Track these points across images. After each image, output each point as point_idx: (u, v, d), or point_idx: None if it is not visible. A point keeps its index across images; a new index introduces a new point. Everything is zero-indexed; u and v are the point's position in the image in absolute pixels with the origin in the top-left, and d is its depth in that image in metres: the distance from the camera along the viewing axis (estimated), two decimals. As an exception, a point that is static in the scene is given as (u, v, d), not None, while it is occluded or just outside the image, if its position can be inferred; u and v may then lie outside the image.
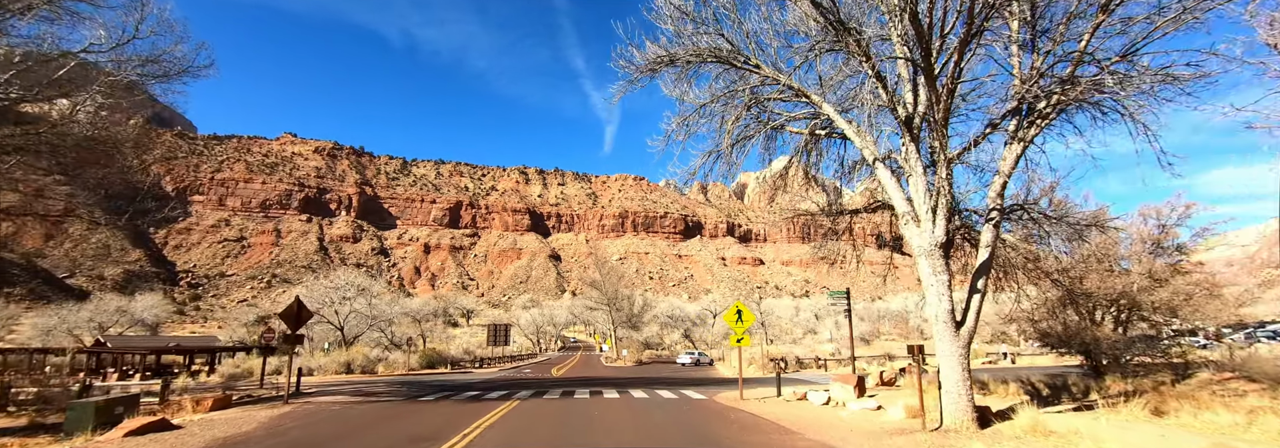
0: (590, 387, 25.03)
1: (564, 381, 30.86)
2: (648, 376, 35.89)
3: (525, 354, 76.37)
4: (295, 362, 22.52)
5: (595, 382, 29.15)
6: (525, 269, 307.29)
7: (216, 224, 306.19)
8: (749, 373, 37.30)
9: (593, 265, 61.87)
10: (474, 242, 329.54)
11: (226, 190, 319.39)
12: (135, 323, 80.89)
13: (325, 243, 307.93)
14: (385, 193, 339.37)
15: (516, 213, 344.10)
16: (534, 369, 46.65)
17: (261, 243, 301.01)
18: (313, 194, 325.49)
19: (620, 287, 63.77)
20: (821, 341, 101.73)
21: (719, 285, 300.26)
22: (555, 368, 47.94)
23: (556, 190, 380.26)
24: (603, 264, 62.04)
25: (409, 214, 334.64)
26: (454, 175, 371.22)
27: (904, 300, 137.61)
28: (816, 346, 57.29)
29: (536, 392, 22.41)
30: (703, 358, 54.50)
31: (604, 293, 60.57)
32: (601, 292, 60.66)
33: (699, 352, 56.10)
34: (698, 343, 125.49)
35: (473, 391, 23.39)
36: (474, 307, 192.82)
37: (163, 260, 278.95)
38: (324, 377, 36.06)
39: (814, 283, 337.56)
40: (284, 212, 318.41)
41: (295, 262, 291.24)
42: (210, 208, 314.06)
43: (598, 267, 61.49)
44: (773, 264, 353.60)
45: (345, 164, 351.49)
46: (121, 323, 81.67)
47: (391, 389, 24.92)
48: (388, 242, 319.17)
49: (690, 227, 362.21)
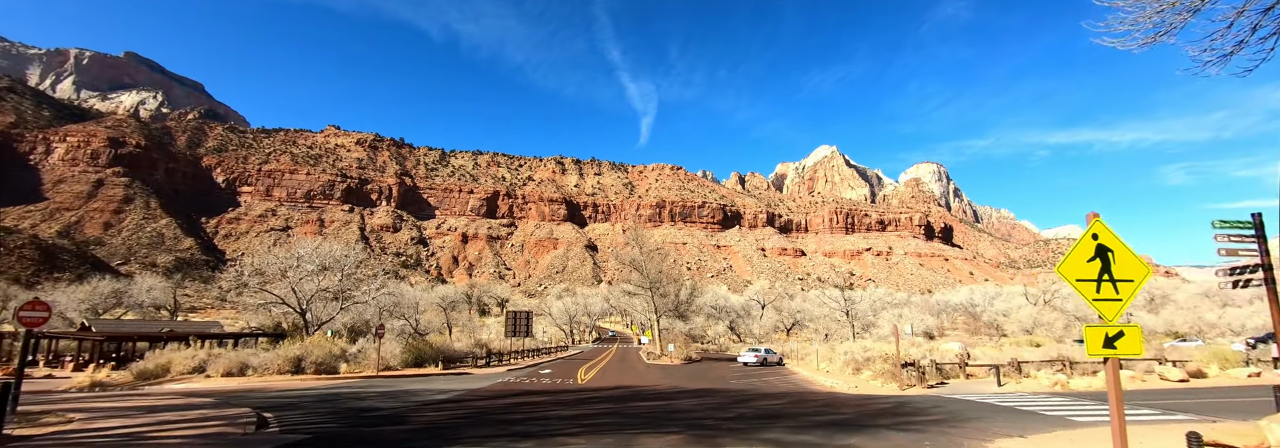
0: (635, 428, 12.76)
1: (589, 397, 18.88)
2: (720, 387, 23.59)
3: (554, 347, 65.22)
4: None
5: (640, 401, 17.16)
6: (561, 259, 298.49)
7: (263, 214, 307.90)
8: (864, 385, 24.56)
9: (630, 243, 49.25)
10: (511, 232, 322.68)
11: (273, 181, 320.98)
12: (135, 306, 73.25)
13: (366, 233, 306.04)
14: (424, 183, 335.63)
15: (553, 203, 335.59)
16: (557, 369, 34.90)
17: (306, 232, 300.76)
18: (354, 185, 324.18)
19: (665, 266, 51.37)
20: (878, 337, 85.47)
21: (758, 276, 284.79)
22: (584, 368, 36.01)
23: (593, 180, 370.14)
24: (642, 241, 49.74)
25: (447, 204, 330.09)
26: (491, 166, 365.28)
27: (969, 293, 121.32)
28: (938, 346, 43.49)
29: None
30: (770, 356, 41.92)
31: (645, 275, 48.38)
32: (642, 273, 48.49)
33: (766, 348, 43.32)
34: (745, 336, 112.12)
35: (370, 425, 11.43)
36: (508, 296, 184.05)
37: (212, 249, 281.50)
38: (250, 380, 25.04)
39: (858, 275, 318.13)
40: (327, 202, 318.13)
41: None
42: (258, 198, 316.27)
43: (636, 244, 49.29)
44: (814, 256, 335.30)
45: (386, 155, 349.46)
46: (125, 305, 74.27)
47: (190, 422, 13.21)
48: (427, 231, 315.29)
49: (729, 217, 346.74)
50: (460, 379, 26.07)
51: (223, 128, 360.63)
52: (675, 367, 40.04)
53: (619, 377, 28.80)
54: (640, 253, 48.65)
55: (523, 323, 46.78)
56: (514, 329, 46.39)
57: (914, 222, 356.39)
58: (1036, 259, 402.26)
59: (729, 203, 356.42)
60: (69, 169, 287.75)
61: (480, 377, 27.73)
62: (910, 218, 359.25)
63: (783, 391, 22.35)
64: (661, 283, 48.29)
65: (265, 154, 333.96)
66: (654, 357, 46.39)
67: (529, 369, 34.68)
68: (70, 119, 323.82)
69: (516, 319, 46.73)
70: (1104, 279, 5.83)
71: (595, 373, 31.18)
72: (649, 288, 47.57)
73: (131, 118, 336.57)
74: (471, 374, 29.76)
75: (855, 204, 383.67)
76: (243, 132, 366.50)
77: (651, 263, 49.40)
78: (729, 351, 74.71)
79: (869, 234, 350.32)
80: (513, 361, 43.09)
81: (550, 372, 32.12)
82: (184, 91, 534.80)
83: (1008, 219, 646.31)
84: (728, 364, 43.78)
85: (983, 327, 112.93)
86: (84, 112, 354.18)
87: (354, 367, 28.86)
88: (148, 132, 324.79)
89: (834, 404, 17.57)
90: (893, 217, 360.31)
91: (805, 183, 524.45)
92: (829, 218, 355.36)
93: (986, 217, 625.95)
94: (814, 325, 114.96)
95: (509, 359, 42.97)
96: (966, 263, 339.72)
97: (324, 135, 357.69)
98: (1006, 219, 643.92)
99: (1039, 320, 70.35)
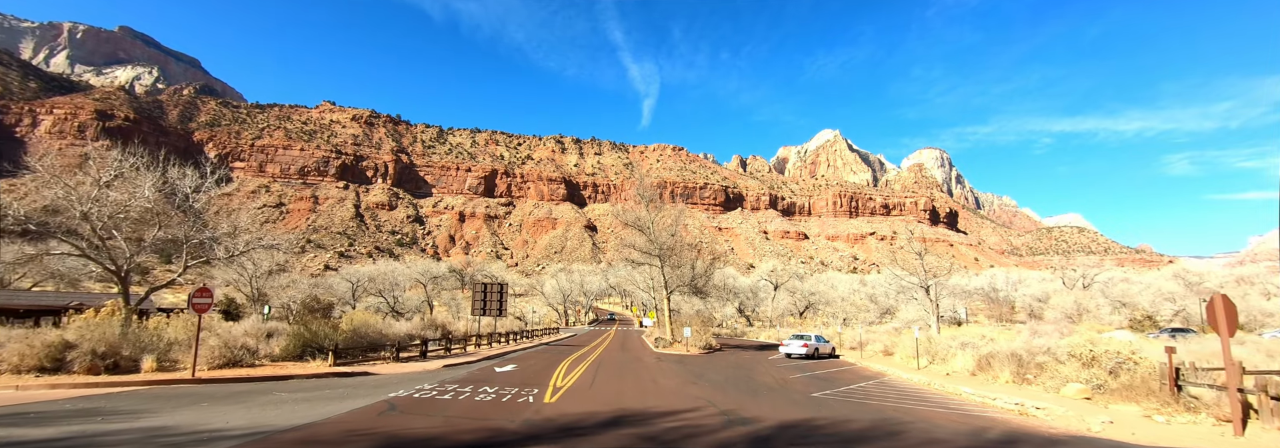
0: None
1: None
2: (821, 419, 11.83)
3: (542, 329, 53.73)
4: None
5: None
6: (560, 239, 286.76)
7: (256, 190, 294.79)
8: (982, 383, 12.89)
9: (639, 195, 36.25)
10: (509, 211, 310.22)
11: (266, 157, 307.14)
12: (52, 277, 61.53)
13: (361, 210, 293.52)
14: (421, 161, 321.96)
15: (552, 182, 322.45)
16: (527, 363, 23.21)
17: (299, 209, 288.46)
18: (350, 161, 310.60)
19: (678, 229, 39.16)
20: (904, 320, 71.62)
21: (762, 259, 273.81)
22: (567, 362, 24.22)
23: (593, 160, 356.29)
24: (644, 189, 37.36)
25: (444, 182, 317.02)
26: (490, 144, 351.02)
27: (990, 277, 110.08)
28: (1089, 336, 31.44)
29: None
30: (821, 345, 30.37)
31: (653, 239, 36.37)
32: (649, 237, 36.50)
33: (817, 336, 31.56)
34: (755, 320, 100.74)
35: None
36: (502, 274, 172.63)
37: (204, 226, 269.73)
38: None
39: (862, 259, 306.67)
40: (321, 179, 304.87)
41: (331, 228, 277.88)
42: (251, 174, 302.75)
43: (639, 195, 36.93)
44: (817, 239, 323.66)
45: (382, 132, 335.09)
46: (57, 276, 62.44)
47: None
48: (423, 210, 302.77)
49: (731, 198, 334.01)
50: (326, 392, 14.17)
51: (216, 103, 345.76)
52: (695, 358, 28.36)
53: (619, 383, 16.96)
54: (647, 210, 36.50)
55: (495, 299, 34.92)
56: (483, 306, 34.58)
57: (919, 206, 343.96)
58: (1039, 247, 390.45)
59: (731, 185, 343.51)
60: (55, 142, 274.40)
61: (376, 383, 15.84)
62: (915, 202, 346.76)
63: (949, 424, 10.59)
64: (676, 250, 36.25)
65: (259, 129, 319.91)
66: (664, 344, 34.74)
67: (484, 363, 22.88)
68: (58, 91, 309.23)
69: (487, 294, 34.85)
70: None
71: (581, 373, 19.41)
72: (657, 255, 35.56)
73: (121, 91, 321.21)
74: (374, 375, 17.93)
75: (859, 188, 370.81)
76: (236, 107, 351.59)
77: (661, 225, 37.30)
78: (746, 336, 63.13)
79: (873, 218, 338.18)
80: (475, 347, 31.35)
81: (512, 369, 20.33)
82: (180, 67, 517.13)
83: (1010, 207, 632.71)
84: (760, 355, 32.05)
85: (1006, 312, 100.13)
86: (73, 84, 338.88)
87: (184, 361, 17.09)
88: (137, 105, 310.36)
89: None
90: (897, 201, 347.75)
91: (807, 167, 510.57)
92: (833, 201, 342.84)
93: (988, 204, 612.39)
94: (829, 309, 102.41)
95: (471, 345, 31.25)
96: (972, 249, 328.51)
97: (319, 111, 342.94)
98: (1008, 207, 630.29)
99: (1083, 305, 58.77)
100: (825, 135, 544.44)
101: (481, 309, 34.02)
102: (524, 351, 31.08)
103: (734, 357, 30.21)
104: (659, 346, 34.79)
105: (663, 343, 34.54)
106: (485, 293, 34.28)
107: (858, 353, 31.80)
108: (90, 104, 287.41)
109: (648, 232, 35.79)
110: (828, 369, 24.05)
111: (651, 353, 31.08)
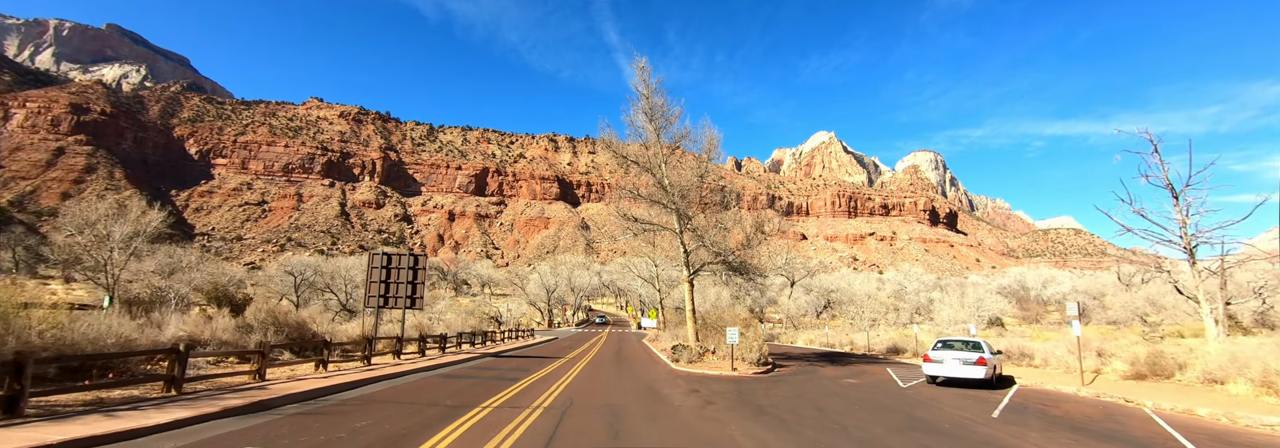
0: None
1: None
2: None
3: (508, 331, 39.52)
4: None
5: None
6: (552, 239, 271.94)
7: (238, 187, 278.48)
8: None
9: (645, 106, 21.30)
10: (500, 210, 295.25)
11: (249, 154, 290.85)
12: None
13: (347, 208, 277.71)
14: (410, 159, 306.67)
15: (545, 181, 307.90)
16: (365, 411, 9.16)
17: (282, 207, 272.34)
18: (336, 158, 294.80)
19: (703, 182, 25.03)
20: (954, 321, 55.67)
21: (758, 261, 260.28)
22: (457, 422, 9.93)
23: (587, 159, 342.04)
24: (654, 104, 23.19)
25: (434, 181, 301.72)
26: (481, 142, 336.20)
27: (1019, 275, 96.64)
28: None
29: None
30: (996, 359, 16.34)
31: (667, 189, 22.27)
32: (663, 186, 22.44)
33: (979, 341, 17.29)
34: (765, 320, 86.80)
35: None
36: (490, 273, 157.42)
37: (182, 223, 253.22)
38: None
39: (861, 260, 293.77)
40: (306, 176, 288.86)
41: (315, 226, 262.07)
42: (233, 171, 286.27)
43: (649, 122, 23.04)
44: (815, 240, 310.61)
45: (370, 129, 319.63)
46: None
47: None
48: (412, 208, 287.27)
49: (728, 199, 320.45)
50: None
51: (201, 98, 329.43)
52: (763, 388, 14.29)
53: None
54: (657, 139, 22.36)
55: (404, 280, 20.40)
56: (384, 293, 20.18)
57: (919, 206, 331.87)
58: (1035, 249, 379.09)
59: (728, 184, 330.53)
60: (28, 136, 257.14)
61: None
62: (915, 202, 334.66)
63: None
64: (705, 203, 22.22)
65: (242, 125, 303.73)
66: (689, 356, 20.62)
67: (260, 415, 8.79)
68: (33, 85, 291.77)
69: (390, 273, 20.37)
70: None
71: None
72: (675, 210, 21.48)
73: (98, 85, 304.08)
74: None
75: (857, 188, 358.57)
76: (221, 103, 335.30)
77: (679, 172, 23.22)
78: (778, 339, 49.00)
79: (872, 219, 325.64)
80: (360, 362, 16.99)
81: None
82: (169, 66, 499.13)
83: (1003, 209, 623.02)
84: (868, 377, 17.99)
85: (1038, 313, 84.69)
86: (51, 78, 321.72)
87: None
88: (115, 99, 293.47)
89: None
90: (897, 201, 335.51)
91: (802, 168, 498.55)
92: (831, 201, 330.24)
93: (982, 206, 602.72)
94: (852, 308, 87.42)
95: (359, 356, 16.95)
96: (972, 250, 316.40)
97: (305, 107, 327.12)
98: (1001, 209, 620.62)
99: (1157, 303, 44.76)
100: (820, 137, 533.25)
101: (381, 298, 19.68)
102: (425, 372, 16.87)
103: (828, 384, 16.15)
104: (680, 359, 20.61)
105: (687, 354, 20.40)
106: (388, 270, 19.94)
107: (1040, 369, 17.87)
108: (65, 98, 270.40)
109: (657, 173, 21.71)
110: (1065, 413, 10.11)
111: (670, 372, 17.07)
